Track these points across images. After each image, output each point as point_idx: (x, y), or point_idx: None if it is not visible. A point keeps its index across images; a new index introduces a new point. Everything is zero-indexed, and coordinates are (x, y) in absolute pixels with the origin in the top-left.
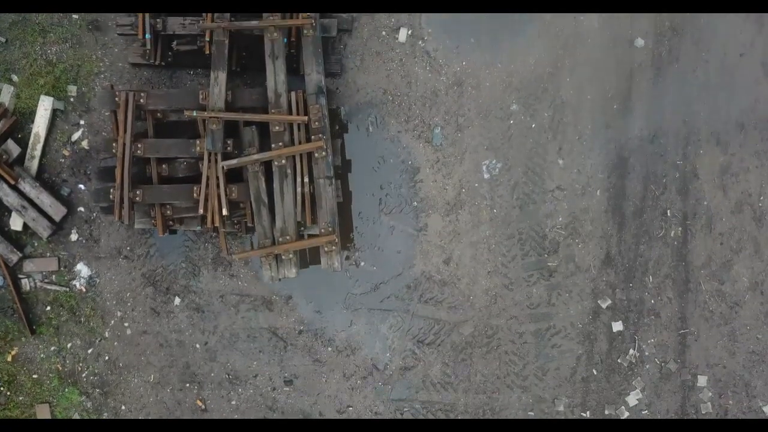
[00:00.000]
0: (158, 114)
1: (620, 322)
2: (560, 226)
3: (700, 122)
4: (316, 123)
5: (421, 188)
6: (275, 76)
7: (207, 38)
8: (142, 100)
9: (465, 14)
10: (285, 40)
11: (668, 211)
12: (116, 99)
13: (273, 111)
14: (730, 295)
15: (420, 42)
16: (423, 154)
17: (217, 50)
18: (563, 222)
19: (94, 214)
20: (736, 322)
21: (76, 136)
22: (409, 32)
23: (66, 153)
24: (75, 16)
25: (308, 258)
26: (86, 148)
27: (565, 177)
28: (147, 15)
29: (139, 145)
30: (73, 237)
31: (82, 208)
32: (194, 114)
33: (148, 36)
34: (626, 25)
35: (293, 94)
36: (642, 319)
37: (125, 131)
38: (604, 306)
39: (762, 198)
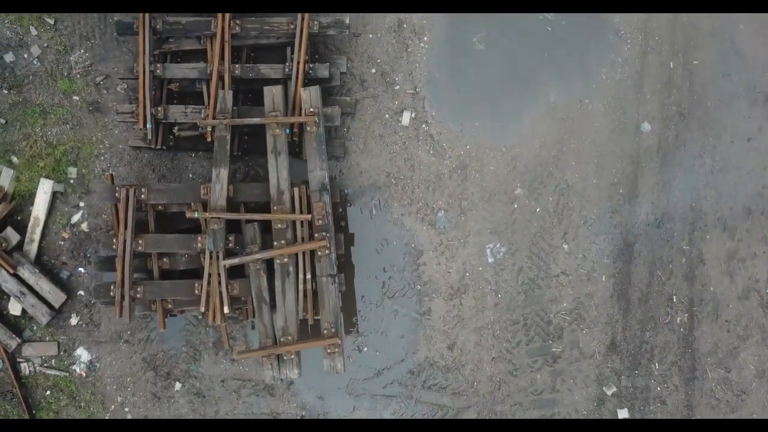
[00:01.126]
0: (159, 207)
1: (626, 409)
2: (565, 312)
3: (707, 207)
4: (320, 221)
5: (425, 272)
6: (278, 172)
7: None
8: (142, 196)
9: (470, 99)
10: (288, 130)
11: (674, 297)
12: (116, 195)
13: (275, 208)
14: (737, 383)
15: (424, 125)
16: (426, 237)
17: (219, 146)
18: (568, 307)
19: (94, 299)
20: (743, 410)
21: (75, 218)
22: (413, 115)
23: (65, 235)
24: (75, 97)
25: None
26: (86, 230)
27: (570, 262)
28: (148, 104)
29: (140, 241)
30: (73, 321)
31: (81, 292)
32: (196, 214)
33: (149, 126)
34: (633, 109)
35: (296, 190)
36: (648, 406)
37: (125, 228)
38: (609, 393)
39: None
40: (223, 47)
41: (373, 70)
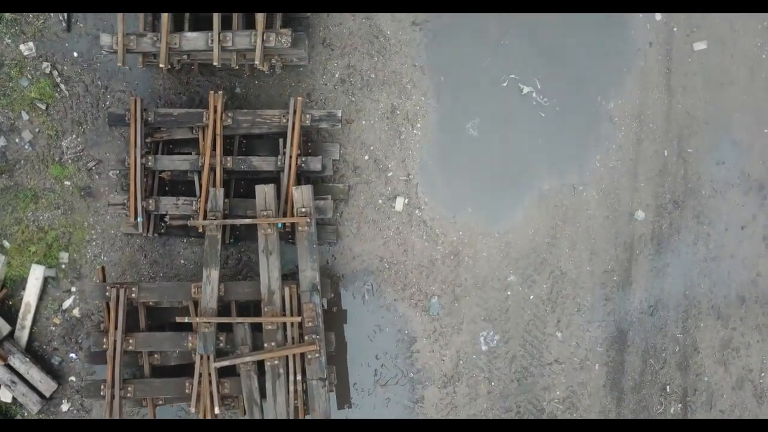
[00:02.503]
0: (150, 303)
1: None
2: (558, 400)
3: (701, 295)
4: (310, 323)
5: (418, 359)
6: (269, 272)
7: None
8: (133, 294)
9: (463, 185)
10: (280, 225)
11: (668, 386)
12: (107, 294)
13: (266, 309)
14: None
15: (417, 211)
16: (420, 323)
17: (210, 245)
18: (561, 396)
19: (84, 397)
20: None
21: (67, 303)
22: (406, 201)
23: (57, 321)
24: (67, 182)
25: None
26: (77, 316)
27: (563, 350)
28: (139, 196)
29: (131, 341)
30: (64, 407)
31: (73, 378)
32: (186, 320)
33: (140, 219)
34: (627, 196)
35: (287, 289)
36: None
37: (116, 328)
38: None
39: (763, 374)
40: (215, 139)
41: (366, 157)
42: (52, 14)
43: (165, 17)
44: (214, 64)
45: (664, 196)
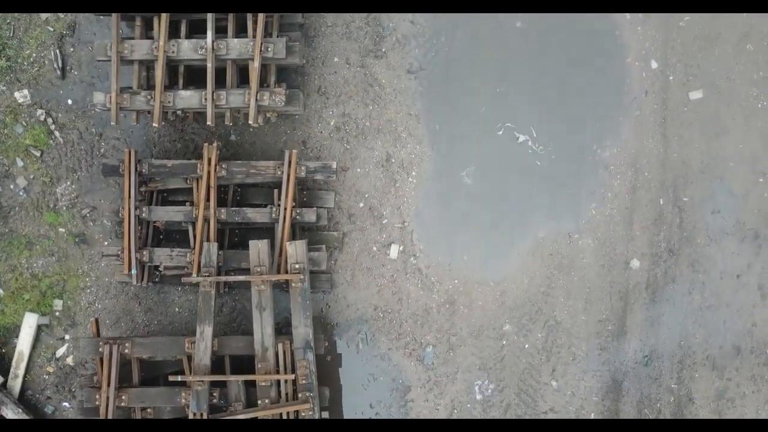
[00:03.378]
0: (144, 357)
1: None
2: None
3: (696, 345)
4: (303, 380)
5: (413, 408)
6: (262, 329)
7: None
8: (126, 350)
9: (459, 233)
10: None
11: None
12: (100, 350)
13: (259, 366)
14: None
15: (412, 259)
16: (414, 372)
17: (203, 301)
18: None
19: None
20: None
21: (60, 352)
22: (401, 249)
23: (50, 370)
24: (62, 229)
25: None
26: (71, 364)
27: (558, 399)
28: (133, 248)
29: (123, 396)
30: None
31: None
32: (179, 378)
33: (134, 271)
34: (622, 245)
35: (280, 345)
36: None
37: (108, 385)
38: None
39: None
40: (209, 191)
41: (361, 204)
42: (46, 61)
43: (159, 75)
44: (208, 123)
45: (659, 245)
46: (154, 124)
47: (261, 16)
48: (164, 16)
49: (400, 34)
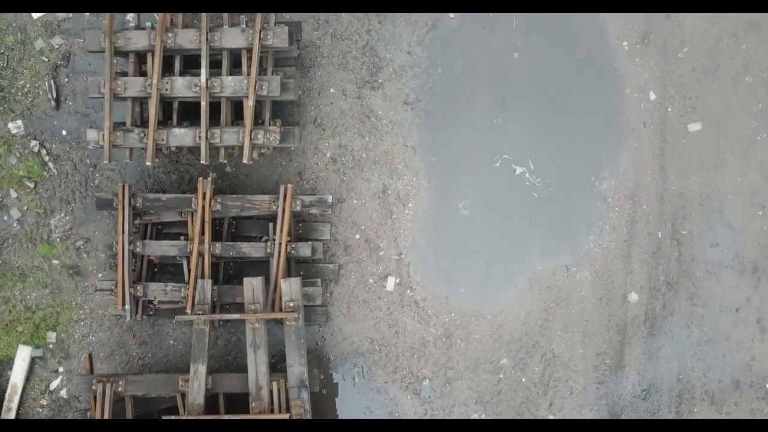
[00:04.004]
0: (138, 395)
1: None
2: None
3: (695, 379)
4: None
5: None
6: (256, 367)
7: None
8: (120, 388)
9: (456, 265)
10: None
11: None
12: (93, 387)
13: (254, 404)
14: None
15: (408, 291)
16: (411, 406)
17: (197, 339)
18: None
19: None
20: None
21: (54, 384)
22: (397, 281)
23: (44, 402)
24: (55, 261)
25: None
26: (65, 397)
27: None
28: (127, 284)
29: None
30: None
31: None
32: (173, 418)
33: (127, 307)
34: (620, 278)
35: (275, 384)
36: None
37: None
38: None
39: None
40: (204, 225)
41: (357, 236)
42: (41, 92)
43: (152, 114)
44: (202, 162)
45: (657, 278)
46: (147, 163)
47: (255, 54)
48: (157, 53)
49: (397, 65)
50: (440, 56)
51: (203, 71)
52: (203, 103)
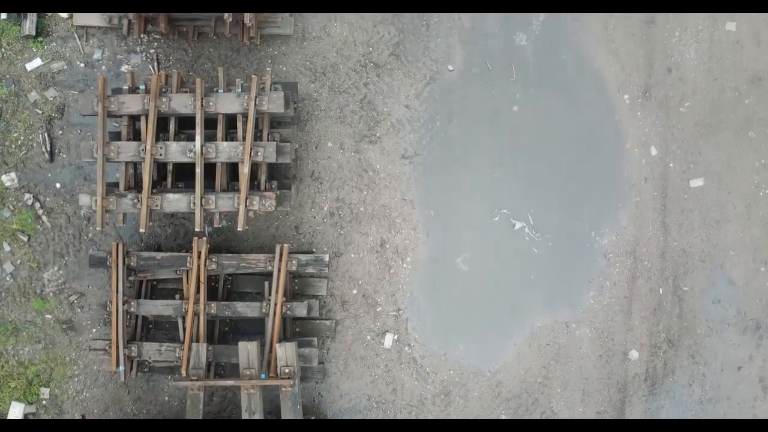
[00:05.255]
0: None
1: None
2: None
3: None
4: None
5: None
6: None
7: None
8: None
9: (454, 321)
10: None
11: None
12: None
13: None
14: None
15: (406, 348)
16: None
17: (192, 405)
18: None
19: None
20: None
21: None
22: (395, 337)
23: None
24: (48, 316)
25: None
26: None
27: None
28: (121, 344)
29: None
30: None
31: None
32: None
33: (122, 368)
34: (621, 335)
35: None
36: None
37: None
38: None
39: None
40: (199, 286)
41: (355, 291)
42: (34, 144)
43: (146, 181)
44: (197, 229)
45: (658, 335)
46: (141, 230)
47: (250, 120)
48: (151, 118)
49: (395, 119)
50: (438, 110)
51: (198, 138)
52: (198, 170)
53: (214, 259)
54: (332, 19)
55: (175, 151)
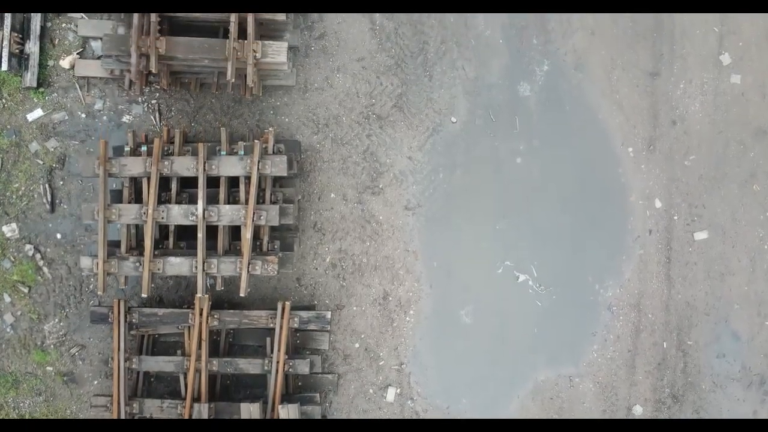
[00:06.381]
0: None
1: None
2: None
3: None
4: None
5: None
6: None
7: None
8: None
9: (457, 376)
10: None
11: None
12: None
13: None
14: None
15: (409, 402)
16: None
17: None
18: None
19: None
20: None
21: None
22: (398, 391)
23: None
24: (49, 368)
25: None
26: None
27: None
28: (122, 401)
29: None
30: None
31: None
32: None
33: None
34: (624, 390)
35: None
36: None
37: None
38: None
39: None
40: (200, 342)
41: (357, 345)
42: (35, 195)
43: (148, 245)
44: (198, 295)
45: (663, 390)
46: (143, 295)
47: (253, 184)
48: (153, 182)
49: (398, 170)
50: (441, 161)
51: (200, 202)
52: (200, 235)
53: (216, 316)
54: (335, 71)
55: (177, 215)
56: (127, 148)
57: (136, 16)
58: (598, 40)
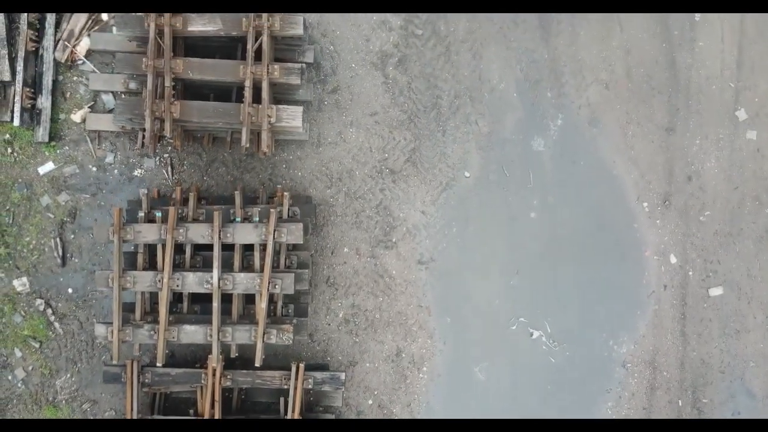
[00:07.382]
0: None
1: None
2: None
3: None
4: None
5: None
6: None
7: None
8: None
9: None
10: None
11: None
12: None
13: None
14: None
15: None
16: None
17: None
18: None
19: None
20: None
21: None
22: None
23: None
24: None
25: None
26: None
27: None
28: None
29: None
30: None
31: None
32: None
33: None
34: None
35: None
36: None
37: None
38: None
39: None
40: (213, 402)
41: (370, 401)
42: (46, 249)
43: (163, 313)
44: (213, 365)
45: None
46: (158, 363)
47: (269, 254)
48: (168, 250)
49: (411, 224)
50: (455, 216)
51: (215, 271)
52: (215, 305)
53: (229, 376)
54: (348, 125)
55: (192, 282)
56: (141, 213)
57: (150, 78)
58: (612, 94)
